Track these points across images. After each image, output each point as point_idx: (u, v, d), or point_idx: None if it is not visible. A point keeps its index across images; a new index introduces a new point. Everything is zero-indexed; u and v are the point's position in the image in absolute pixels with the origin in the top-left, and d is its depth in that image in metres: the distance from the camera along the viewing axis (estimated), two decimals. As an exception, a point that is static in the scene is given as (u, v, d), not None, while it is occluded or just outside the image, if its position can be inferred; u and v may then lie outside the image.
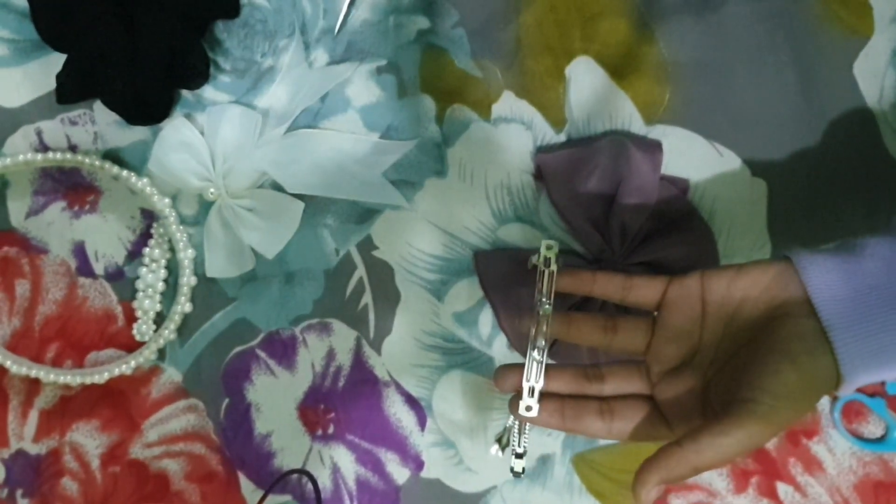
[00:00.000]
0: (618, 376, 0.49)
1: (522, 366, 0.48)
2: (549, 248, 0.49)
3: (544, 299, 0.48)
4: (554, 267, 0.49)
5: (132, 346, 0.60)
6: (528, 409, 0.47)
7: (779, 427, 0.43)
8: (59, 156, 0.59)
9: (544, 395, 0.48)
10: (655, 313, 0.49)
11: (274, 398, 0.60)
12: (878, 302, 0.43)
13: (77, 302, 0.60)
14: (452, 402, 0.59)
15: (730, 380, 0.45)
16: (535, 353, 0.47)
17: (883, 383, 0.56)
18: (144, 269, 0.60)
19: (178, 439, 0.60)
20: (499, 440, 0.52)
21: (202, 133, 0.59)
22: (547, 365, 0.47)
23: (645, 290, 0.49)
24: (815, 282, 0.44)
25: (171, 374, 0.60)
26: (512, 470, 0.50)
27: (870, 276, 0.43)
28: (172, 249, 0.60)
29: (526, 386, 0.47)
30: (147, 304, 0.60)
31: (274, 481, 0.58)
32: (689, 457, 0.42)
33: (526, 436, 0.50)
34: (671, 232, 0.57)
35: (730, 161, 0.58)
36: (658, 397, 0.48)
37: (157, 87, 0.58)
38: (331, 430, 0.59)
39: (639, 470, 0.44)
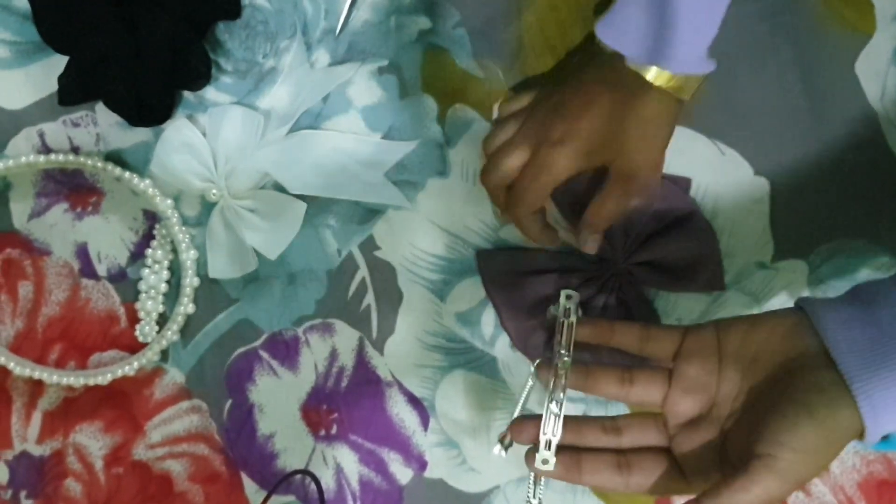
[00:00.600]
0: (635, 429, 0.49)
1: (539, 418, 0.47)
2: (568, 297, 0.49)
3: (563, 351, 0.47)
4: (573, 318, 0.48)
5: (135, 348, 0.60)
6: (545, 461, 0.47)
7: (798, 482, 0.43)
8: (61, 157, 0.59)
9: (560, 448, 0.47)
10: (672, 365, 0.48)
11: (277, 399, 0.60)
12: None
13: (80, 303, 0.60)
14: (455, 402, 0.59)
15: (748, 433, 0.44)
16: (553, 406, 0.46)
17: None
18: (147, 271, 0.60)
19: (181, 440, 0.60)
20: (501, 440, 0.52)
21: (204, 134, 0.60)
22: (564, 417, 0.47)
23: (662, 342, 0.48)
24: (832, 334, 0.43)
25: (174, 375, 0.60)
26: None
27: (886, 324, 0.43)
28: (175, 250, 0.60)
29: (543, 439, 0.47)
30: (150, 306, 0.60)
31: (277, 482, 0.58)
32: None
33: (541, 488, 0.50)
34: (673, 231, 0.57)
35: (732, 160, 0.58)
36: (675, 450, 0.48)
37: (159, 88, 0.58)
38: (334, 430, 0.59)
39: None
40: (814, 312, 0.44)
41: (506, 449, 0.51)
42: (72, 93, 0.59)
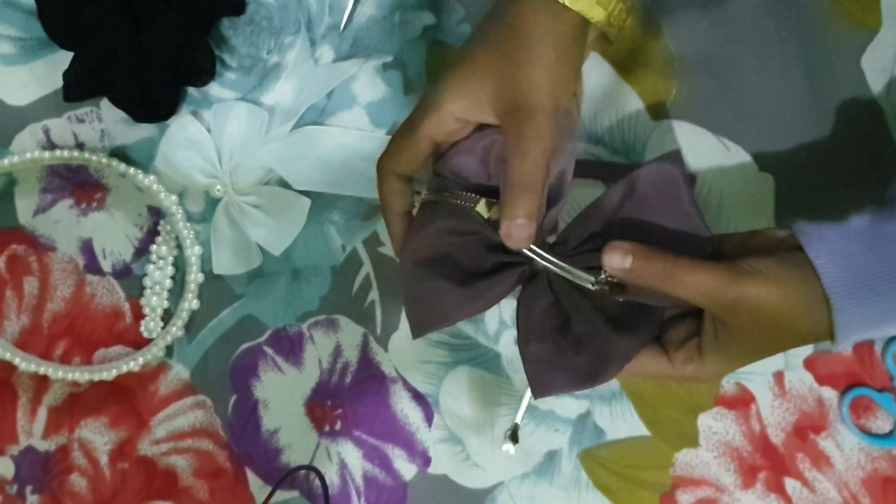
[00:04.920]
0: None
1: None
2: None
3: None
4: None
5: (140, 343, 0.60)
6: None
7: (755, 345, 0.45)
8: (66, 153, 0.59)
9: None
10: None
11: (281, 394, 0.60)
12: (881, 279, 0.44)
13: (85, 299, 0.61)
14: (459, 398, 0.59)
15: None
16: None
17: (891, 378, 0.56)
18: (152, 266, 0.60)
19: (185, 436, 0.60)
20: (511, 436, 0.52)
21: (209, 130, 0.60)
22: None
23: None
24: (815, 248, 0.45)
25: (179, 371, 0.60)
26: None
27: (866, 249, 0.45)
28: (179, 246, 0.60)
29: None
30: (154, 301, 0.60)
31: (281, 477, 0.58)
32: (667, 264, 0.44)
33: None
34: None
35: (737, 155, 0.58)
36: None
37: (164, 84, 0.58)
38: (338, 426, 0.59)
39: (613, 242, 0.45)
40: (801, 232, 0.46)
41: (514, 443, 0.51)
42: (77, 89, 0.59)
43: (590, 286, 0.47)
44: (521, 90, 0.46)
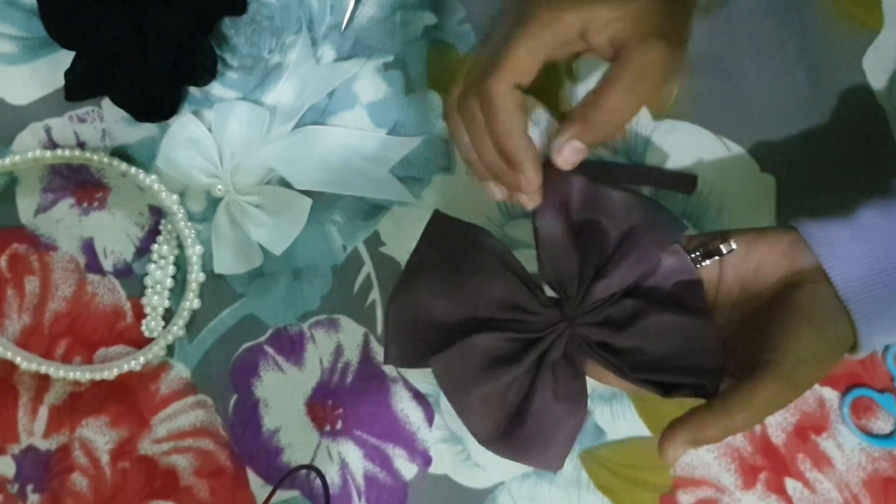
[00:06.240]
0: None
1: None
2: None
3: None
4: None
5: (141, 343, 0.60)
6: None
7: (801, 388, 0.44)
8: (67, 153, 0.59)
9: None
10: None
11: (282, 394, 0.60)
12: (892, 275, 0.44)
13: (86, 298, 0.61)
14: (460, 398, 0.59)
15: (748, 342, 0.46)
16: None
17: (892, 378, 0.56)
18: (153, 266, 0.60)
19: (186, 435, 0.60)
20: None
21: (210, 130, 0.60)
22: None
23: None
24: (828, 257, 0.45)
25: (180, 370, 0.60)
26: None
27: (881, 249, 0.44)
28: (181, 246, 0.60)
29: None
30: (156, 301, 0.60)
31: (282, 477, 0.58)
32: (721, 418, 0.43)
33: None
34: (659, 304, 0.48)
35: (738, 156, 0.58)
36: None
37: (165, 84, 0.58)
38: (339, 425, 0.59)
39: (667, 429, 0.44)
40: (809, 236, 0.46)
41: None
42: (78, 88, 0.59)
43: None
44: (649, 17, 0.44)
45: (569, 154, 0.45)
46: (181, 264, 0.60)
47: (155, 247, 0.60)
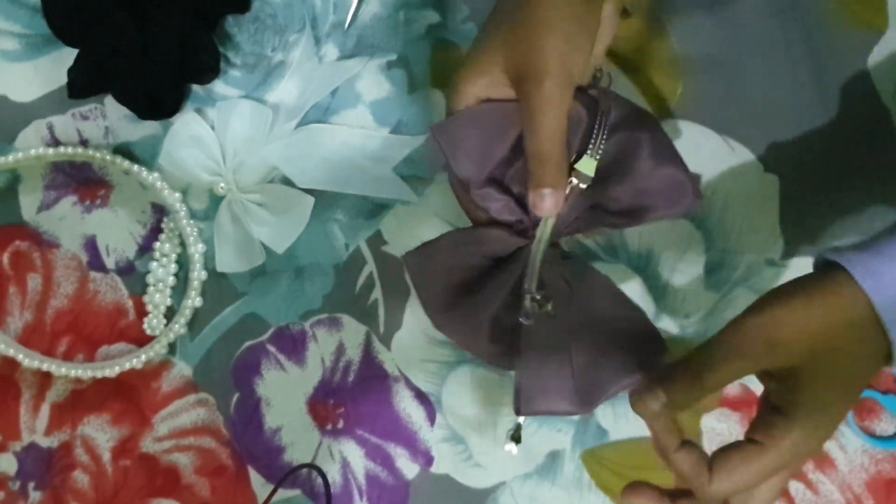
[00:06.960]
0: None
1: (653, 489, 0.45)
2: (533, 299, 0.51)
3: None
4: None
5: (143, 341, 0.60)
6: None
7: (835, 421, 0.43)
8: (70, 150, 0.59)
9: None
10: None
11: (284, 393, 0.60)
12: None
13: (88, 296, 0.61)
14: (462, 398, 0.59)
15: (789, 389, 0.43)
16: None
17: (895, 381, 0.56)
18: (155, 264, 0.60)
19: (188, 433, 0.60)
20: (514, 436, 0.52)
21: (212, 128, 0.60)
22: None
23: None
24: (874, 292, 0.41)
25: (182, 369, 0.60)
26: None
27: None
28: (183, 244, 0.60)
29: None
30: (158, 299, 0.60)
31: (284, 476, 0.58)
32: (770, 455, 0.42)
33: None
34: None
35: (742, 156, 0.57)
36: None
37: (168, 81, 0.58)
38: (340, 424, 0.59)
39: (719, 459, 0.43)
40: (855, 272, 0.42)
41: (517, 443, 0.51)
42: (81, 86, 0.59)
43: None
44: (528, 58, 0.45)
45: (540, 202, 0.48)
46: (183, 262, 0.60)
47: (157, 245, 0.60)
